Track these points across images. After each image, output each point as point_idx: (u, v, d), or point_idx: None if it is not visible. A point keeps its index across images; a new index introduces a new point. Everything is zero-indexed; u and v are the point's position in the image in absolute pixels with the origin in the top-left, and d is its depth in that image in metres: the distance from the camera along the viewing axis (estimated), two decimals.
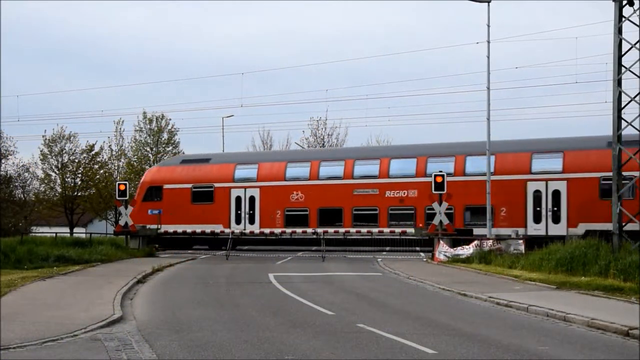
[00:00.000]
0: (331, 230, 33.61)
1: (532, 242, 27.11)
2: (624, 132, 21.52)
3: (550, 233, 29.68)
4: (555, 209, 30.14)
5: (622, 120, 21.33)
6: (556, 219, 30.10)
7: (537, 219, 30.43)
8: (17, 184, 52.16)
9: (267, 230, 35.16)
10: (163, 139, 60.32)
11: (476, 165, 31.93)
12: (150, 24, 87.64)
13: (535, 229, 30.22)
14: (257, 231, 35.35)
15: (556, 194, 30.20)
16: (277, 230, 34.90)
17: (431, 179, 29.43)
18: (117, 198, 34.76)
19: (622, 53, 21.27)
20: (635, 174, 24.25)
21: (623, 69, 21.32)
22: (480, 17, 56.68)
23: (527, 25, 71.82)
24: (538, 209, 30.47)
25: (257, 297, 17.30)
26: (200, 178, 36.93)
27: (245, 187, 35.76)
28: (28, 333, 11.63)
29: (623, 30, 21.34)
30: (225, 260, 30.12)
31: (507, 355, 10.25)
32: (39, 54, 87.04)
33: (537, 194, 30.52)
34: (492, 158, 30.60)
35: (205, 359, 10.05)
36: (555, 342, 11.33)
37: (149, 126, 60.19)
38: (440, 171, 29.84)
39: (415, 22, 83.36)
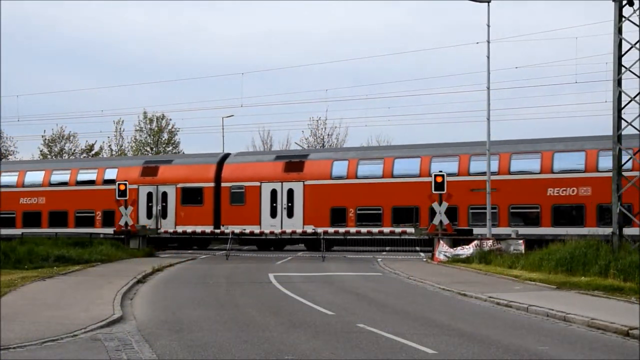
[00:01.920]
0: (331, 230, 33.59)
1: None
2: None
3: None
4: None
5: (622, 120, 21.33)
6: None
7: None
8: None
9: None
10: (163, 139, 60.41)
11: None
12: (150, 24, 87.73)
13: None
14: None
15: None
16: None
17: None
18: (117, 198, 34.75)
19: (622, 53, 21.27)
20: None
21: (623, 69, 21.31)
22: (480, 17, 56.57)
23: (527, 25, 71.87)
24: None
25: (257, 297, 17.29)
26: None
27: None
28: (28, 333, 11.63)
29: (623, 30, 21.34)
30: (225, 260, 30.12)
31: (507, 355, 10.25)
32: (39, 54, 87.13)
33: None
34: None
35: (205, 359, 10.05)
36: (555, 342, 11.33)
37: (149, 126, 60.31)
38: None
39: (415, 22, 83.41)
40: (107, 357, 10.19)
